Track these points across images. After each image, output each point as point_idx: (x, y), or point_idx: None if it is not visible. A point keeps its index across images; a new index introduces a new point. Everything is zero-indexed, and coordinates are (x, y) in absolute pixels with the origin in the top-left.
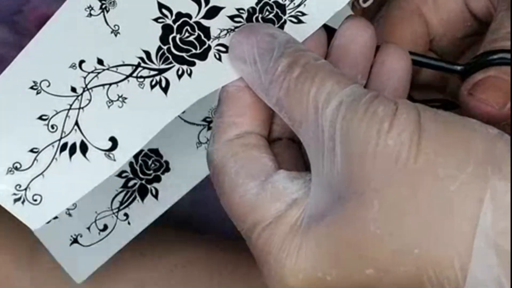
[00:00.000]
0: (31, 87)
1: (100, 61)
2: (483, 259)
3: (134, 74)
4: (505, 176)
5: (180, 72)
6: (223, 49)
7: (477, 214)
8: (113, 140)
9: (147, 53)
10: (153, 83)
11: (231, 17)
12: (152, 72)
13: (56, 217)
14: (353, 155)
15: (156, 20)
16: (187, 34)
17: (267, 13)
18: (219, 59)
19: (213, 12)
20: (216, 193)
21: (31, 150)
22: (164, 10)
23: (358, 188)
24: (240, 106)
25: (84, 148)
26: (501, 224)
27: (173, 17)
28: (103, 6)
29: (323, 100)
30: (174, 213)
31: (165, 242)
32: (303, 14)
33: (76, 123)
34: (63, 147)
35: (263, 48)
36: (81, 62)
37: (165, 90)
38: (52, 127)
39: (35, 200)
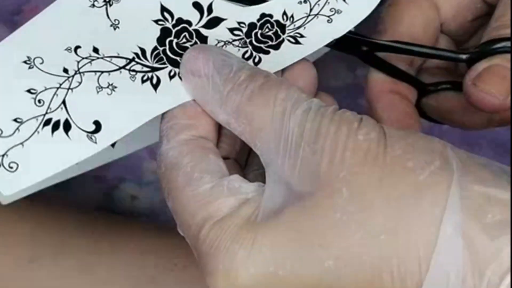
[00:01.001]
0: (24, 61)
1: (95, 50)
2: (449, 244)
3: (127, 67)
4: (469, 171)
5: (172, 74)
6: None
7: (445, 200)
8: (97, 124)
9: (143, 50)
10: (145, 78)
11: (231, 30)
12: (145, 69)
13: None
14: (322, 151)
15: (156, 21)
16: (184, 40)
17: (266, 30)
18: None
19: (214, 22)
20: None
21: (15, 120)
22: (165, 14)
23: (325, 181)
24: (194, 110)
25: (67, 127)
26: (469, 210)
27: (173, 21)
28: (107, 0)
29: (291, 105)
30: None
31: (165, 242)
32: (302, 36)
33: (63, 102)
34: (47, 122)
35: (221, 63)
36: (77, 47)
37: (155, 86)
38: (39, 101)
39: (11, 168)
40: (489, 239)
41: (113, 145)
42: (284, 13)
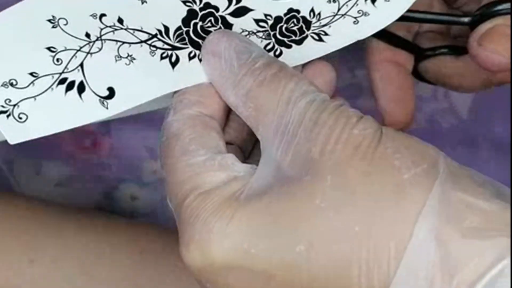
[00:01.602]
0: (49, 20)
1: (120, 20)
2: (421, 245)
3: (149, 42)
4: (454, 178)
5: (192, 55)
6: None
7: (424, 202)
8: (111, 90)
9: (166, 28)
10: (164, 55)
11: (257, 21)
12: (166, 46)
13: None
14: (316, 139)
15: (184, 2)
16: (209, 24)
17: (292, 24)
18: None
19: (241, 11)
20: None
21: (31, 74)
22: None
23: (314, 168)
24: (207, 90)
25: (81, 88)
26: (446, 214)
27: (201, 5)
28: None
29: (298, 94)
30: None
31: (165, 242)
32: (326, 34)
33: (81, 65)
34: (62, 81)
35: (242, 49)
36: (103, 15)
37: (173, 64)
38: (58, 60)
39: (20, 118)
40: (463, 245)
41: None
42: (312, 10)
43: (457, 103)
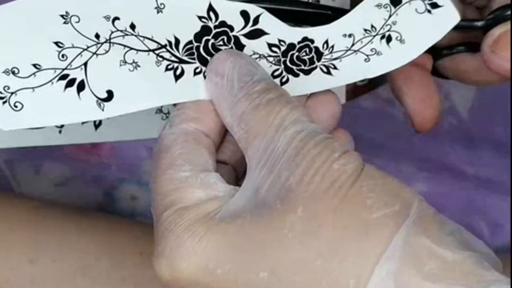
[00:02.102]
0: (62, 15)
1: (132, 26)
2: (380, 286)
3: (157, 52)
4: (423, 224)
5: (197, 70)
6: None
7: (388, 243)
8: (110, 93)
9: (177, 40)
10: (169, 67)
11: (270, 45)
12: (173, 58)
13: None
14: (296, 169)
15: (200, 17)
16: (221, 43)
17: (304, 53)
18: None
19: (256, 34)
20: None
21: (34, 65)
22: (211, 13)
23: (289, 197)
24: (206, 107)
25: (81, 87)
26: (408, 258)
27: (216, 23)
28: None
29: (289, 122)
30: None
31: None
32: (335, 67)
33: (85, 64)
34: (63, 77)
35: (245, 71)
36: (116, 18)
37: (177, 77)
38: (63, 56)
39: (16, 107)
40: None
41: (97, 125)
42: (326, 41)
43: (457, 103)
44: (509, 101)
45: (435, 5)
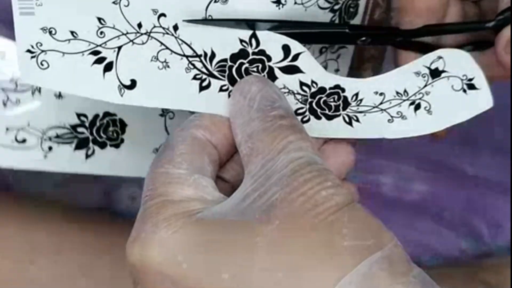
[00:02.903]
0: None
1: (175, 27)
2: None
3: (190, 59)
4: (390, 263)
5: (224, 88)
6: None
7: (349, 271)
8: (134, 83)
9: (213, 54)
10: (198, 76)
11: (302, 84)
12: (204, 70)
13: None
14: (284, 187)
15: (241, 40)
16: (254, 69)
17: (332, 99)
18: None
19: (291, 69)
20: None
21: (72, 32)
22: (253, 40)
23: (269, 210)
24: (220, 121)
25: (108, 68)
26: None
27: (256, 50)
28: None
29: (293, 147)
30: None
31: None
32: (357, 120)
33: (119, 48)
34: (95, 53)
35: (268, 97)
36: (162, 14)
37: (201, 88)
38: (101, 33)
39: (42, 64)
40: None
41: (88, 155)
42: (356, 94)
43: None
44: (509, 101)
45: (472, 87)
